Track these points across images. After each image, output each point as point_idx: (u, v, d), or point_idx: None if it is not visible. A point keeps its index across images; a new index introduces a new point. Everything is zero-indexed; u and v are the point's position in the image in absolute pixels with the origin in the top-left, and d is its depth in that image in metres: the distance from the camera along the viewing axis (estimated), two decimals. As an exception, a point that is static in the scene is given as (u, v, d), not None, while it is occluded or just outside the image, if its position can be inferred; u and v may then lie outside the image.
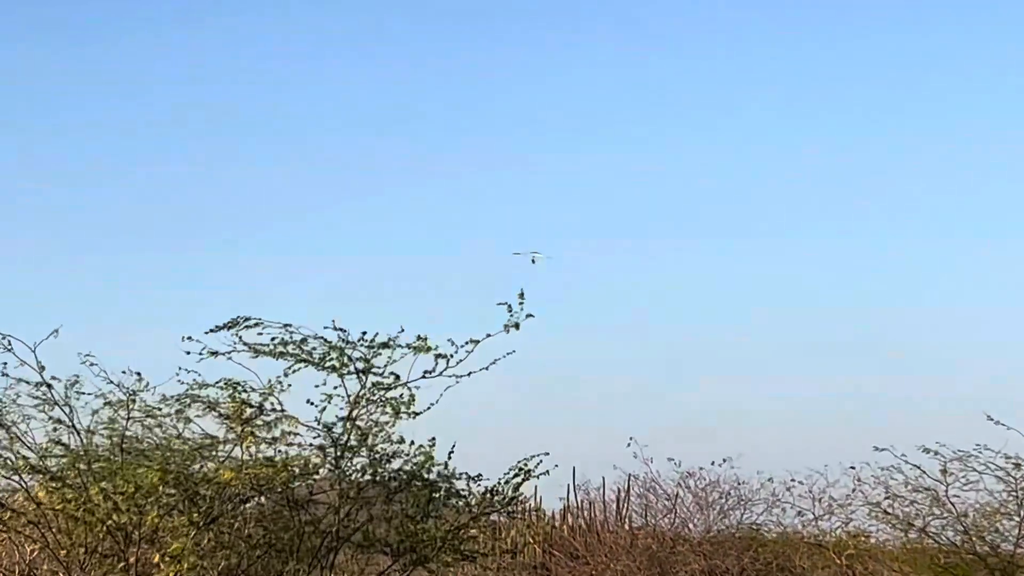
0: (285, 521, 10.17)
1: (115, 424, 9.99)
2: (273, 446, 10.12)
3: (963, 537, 13.09)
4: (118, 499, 9.45)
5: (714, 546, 16.46)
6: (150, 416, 10.08)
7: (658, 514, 17.83)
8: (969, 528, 13.04)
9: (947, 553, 13.18)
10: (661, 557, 16.67)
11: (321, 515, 10.25)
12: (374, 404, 10.20)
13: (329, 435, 10.15)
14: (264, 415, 10.06)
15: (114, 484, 9.55)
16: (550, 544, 18.85)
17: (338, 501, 10.21)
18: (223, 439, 10.14)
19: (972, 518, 13.04)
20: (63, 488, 9.72)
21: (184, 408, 10.10)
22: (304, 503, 10.21)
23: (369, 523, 10.36)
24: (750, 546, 16.62)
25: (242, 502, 10.11)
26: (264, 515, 10.29)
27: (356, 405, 10.15)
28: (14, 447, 9.81)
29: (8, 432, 9.79)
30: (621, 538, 18.03)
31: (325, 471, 10.20)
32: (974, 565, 12.97)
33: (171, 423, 10.19)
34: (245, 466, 9.77)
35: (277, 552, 10.06)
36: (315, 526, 10.15)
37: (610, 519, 19.21)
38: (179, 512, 9.56)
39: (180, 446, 10.09)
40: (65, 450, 9.85)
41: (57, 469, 9.82)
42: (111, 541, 9.77)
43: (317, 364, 10.07)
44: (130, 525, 9.64)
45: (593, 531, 19.00)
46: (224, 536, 9.98)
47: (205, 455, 10.07)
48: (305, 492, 10.24)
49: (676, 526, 17.37)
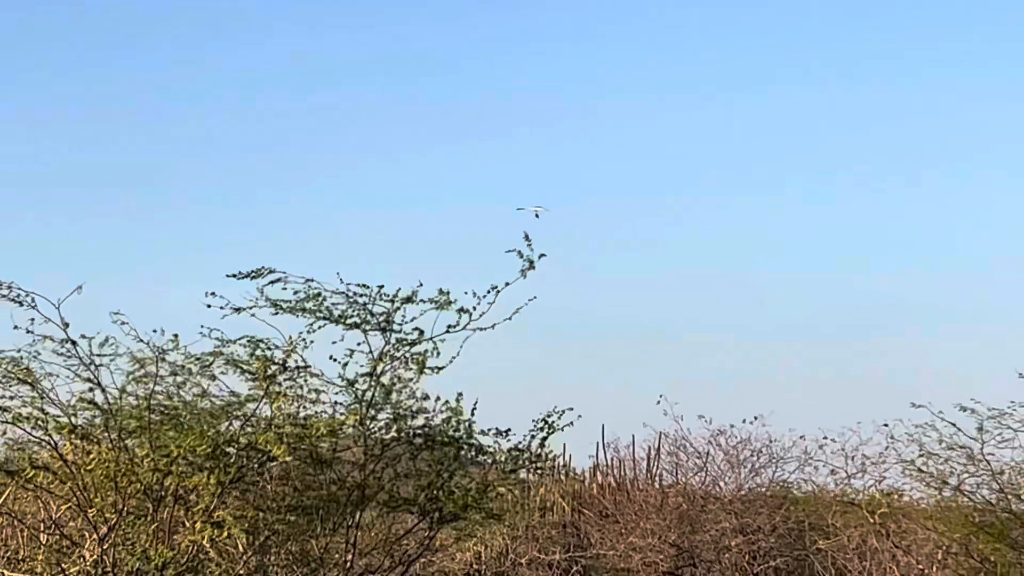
0: (310, 480, 10.20)
1: (145, 383, 9.92)
2: (299, 403, 10.09)
3: (998, 495, 13.06)
4: (155, 460, 9.45)
5: (745, 504, 16.56)
6: (176, 374, 10.01)
7: (688, 472, 17.92)
8: (1004, 486, 13.01)
9: (982, 511, 13.17)
10: (692, 515, 16.77)
11: (346, 473, 10.25)
12: (398, 360, 10.13)
13: (353, 391, 10.09)
14: (288, 372, 9.98)
15: (147, 443, 9.56)
16: (579, 502, 18.87)
17: (363, 459, 10.22)
18: (248, 397, 10.09)
19: (1008, 476, 13.03)
20: (93, 446, 9.68)
21: (208, 365, 10.03)
22: (329, 461, 10.18)
23: (395, 480, 10.37)
24: (781, 504, 16.64)
25: (269, 460, 9.95)
26: (289, 474, 10.29)
27: (379, 361, 10.08)
28: (40, 404, 9.70)
29: (34, 389, 9.67)
30: (651, 496, 18.06)
31: (349, 428, 10.11)
32: (1009, 523, 12.93)
33: (196, 381, 10.13)
34: (275, 426, 9.75)
35: (303, 510, 10.08)
36: (340, 484, 10.16)
37: (640, 477, 19.28)
38: (208, 471, 9.48)
39: (207, 405, 10.08)
40: (94, 408, 9.76)
41: (86, 427, 9.74)
42: (140, 501, 9.71)
43: (339, 320, 10.02)
44: (160, 486, 9.62)
45: (623, 489, 19.10)
46: (249, 495, 10.05)
47: (232, 413, 10.05)
48: (329, 450, 10.21)
49: (707, 484, 17.47)
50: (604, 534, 17.53)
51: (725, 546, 16.31)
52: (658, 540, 16.69)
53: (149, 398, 9.90)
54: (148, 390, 9.94)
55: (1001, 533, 12.98)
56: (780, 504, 16.82)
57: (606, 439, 20.04)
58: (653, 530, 16.82)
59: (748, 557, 16.22)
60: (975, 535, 13.18)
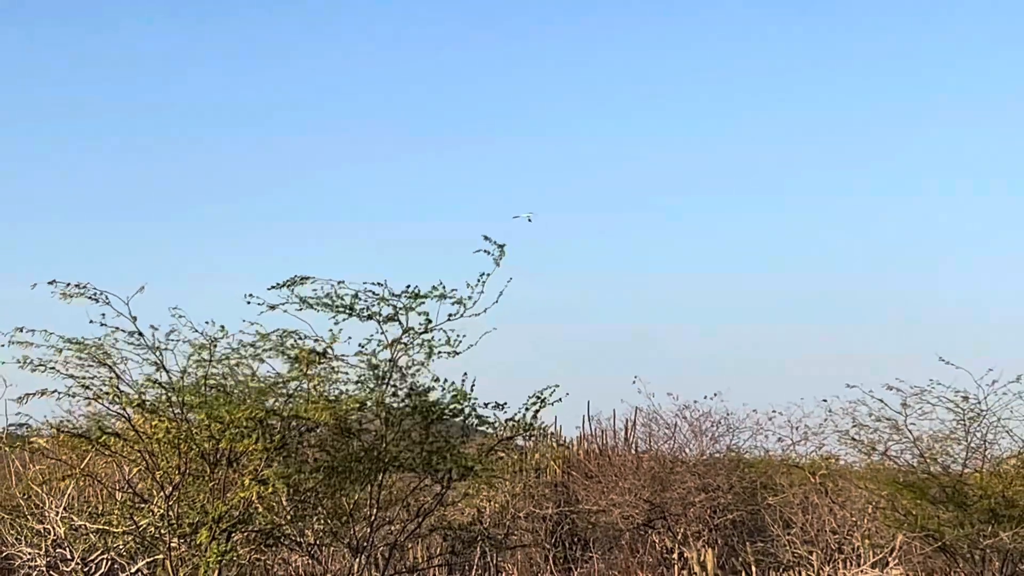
0: (340, 446, 10.13)
1: (201, 365, 9.93)
2: (331, 384, 10.08)
3: (918, 459, 13.00)
4: (211, 430, 9.46)
5: (707, 467, 16.35)
6: (228, 358, 10.00)
7: (659, 440, 17.67)
8: (924, 451, 12.94)
9: (905, 473, 13.12)
10: (662, 476, 16.56)
11: (370, 442, 10.22)
12: (410, 346, 10.10)
13: (374, 373, 10.09)
14: (324, 359, 9.99)
15: (204, 415, 9.52)
16: (568, 465, 18.74)
17: (384, 429, 10.16)
18: (289, 377, 10.06)
19: (926, 443, 12.95)
20: (158, 418, 9.72)
21: (258, 351, 10.03)
22: (355, 431, 10.17)
23: (410, 447, 10.29)
24: (737, 467, 16.46)
25: (308, 431, 10.09)
26: (323, 442, 10.25)
27: (394, 347, 10.06)
28: (115, 383, 9.74)
29: (111, 371, 9.71)
30: (628, 460, 17.88)
31: (371, 403, 10.11)
32: (927, 483, 12.85)
33: (246, 363, 10.10)
34: (312, 402, 9.72)
35: (335, 472, 10.04)
36: (365, 450, 10.12)
37: (619, 445, 19.12)
38: (255, 438, 9.52)
39: (255, 384, 10.03)
40: (159, 387, 9.79)
41: (153, 402, 9.79)
42: (198, 464, 9.77)
43: (358, 315, 10.00)
44: (215, 451, 9.68)
45: (604, 455, 18.95)
46: (290, 459, 9.97)
47: (276, 391, 10.02)
48: (355, 422, 10.20)
49: (675, 450, 17.23)
50: (589, 492, 17.39)
51: (690, 502, 16.18)
52: (634, 497, 16.56)
53: (205, 377, 9.90)
54: (204, 371, 9.93)
55: (921, 491, 12.90)
56: (736, 467, 16.69)
57: (591, 413, 19.98)
58: (630, 488, 16.68)
59: (709, 511, 16.10)
60: (899, 492, 13.12)
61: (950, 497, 12.71)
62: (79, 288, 9.46)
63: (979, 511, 12.58)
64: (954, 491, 12.73)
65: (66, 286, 9.43)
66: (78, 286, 9.46)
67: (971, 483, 12.87)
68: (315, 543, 10.75)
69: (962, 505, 12.62)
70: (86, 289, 9.48)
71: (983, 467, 13.09)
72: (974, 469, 13.09)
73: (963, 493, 12.72)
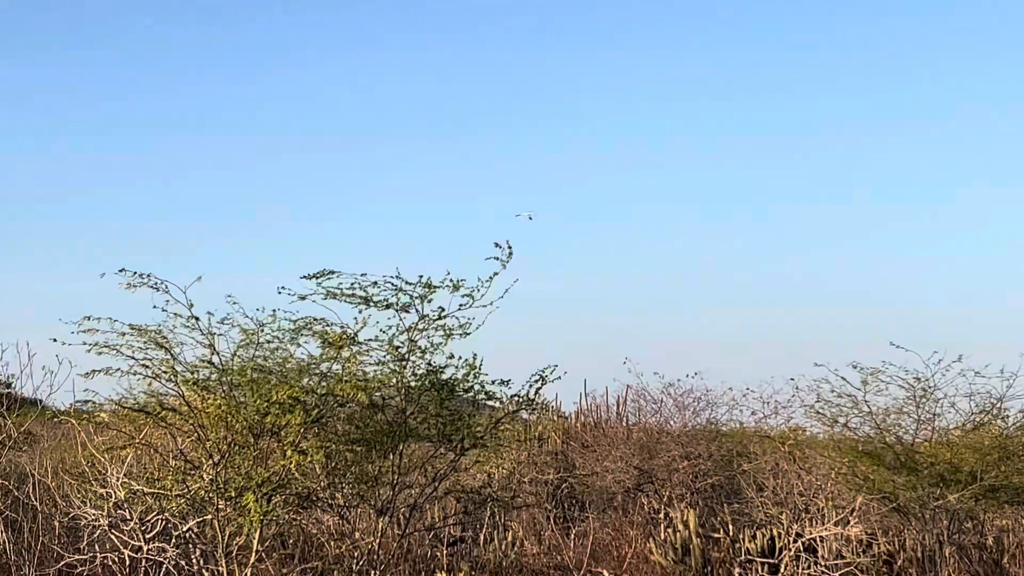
0: (367, 420, 10.20)
1: (248, 348, 9.97)
2: (359, 365, 10.09)
3: (875, 431, 13.17)
4: (256, 405, 9.46)
5: (689, 437, 16.63)
6: (271, 342, 10.06)
7: (647, 414, 17.97)
8: (880, 424, 13.12)
9: (863, 442, 13.28)
10: (649, 446, 16.77)
11: (392, 415, 10.26)
12: (426, 331, 10.07)
13: (395, 355, 10.09)
14: (354, 344, 9.97)
15: (250, 393, 9.55)
16: (567, 436, 19.02)
17: (404, 404, 10.23)
18: (322, 359, 10.08)
19: (881, 417, 13.13)
20: (209, 395, 9.73)
21: (297, 336, 10.05)
22: (380, 406, 10.20)
23: (427, 420, 10.34)
24: (715, 437, 16.70)
25: (340, 405, 10.04)
26: (352, 416, 10.28)
27: (409, 332, 10.05)
28: (172, 364, 9.75)
29: (168, 353, 9.72)
30: (619, 432, 18.18)
31: (395, 382, 10.15)
32: (883, 451, 13.03)
33: (284, 347, 10.13)
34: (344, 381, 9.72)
35: (363, 442, 10.13)
36: (388, 423, 10.18)
37: (611, 418, 19.40)
38: (294, 413, 9.42)
39: (292, 365, 10.10)
40: (211, 367, 9.81)
41: (205, 381, 9.80)
42: (244, 435, 9.74)
43: (378, 304, 9.97)
44: (259, 424, 9.67)
45: (599, 427, 19.23)
46: (324, 431, 10.03)
47: (311, 371, 10.09)
48: (380, 398, 10.21)
49: (661, 423, 17.45)
50: (585, 460, 17.63)
51: (674, 468, 16.34)
52: (625, 464, 16.77)
53: (252, 359, 9.96)
54: (251, 354, 9.99)
55: (877, 458, 13.06)
56: (714, 437, 16.86)
57: (587, 390, 20.31)
58: (622, 456, 16.89)
59: (691, 476, 16.25)
60: (858, 460, 13.25)
61: (903, 464, 12.86)
62: (142, 278, 9.42)
63: (928, 476, 12.73)
64: (906, 459, 12.90)
65: (132, 275, 9.39)
66: (141, 276, 9.43)
67: (921, 451, 13.02)
68: (344, 505, 10.73)
69: (913, 471, 12.77)
70: (148, 279, 9.45)
71: (932, 437, 13.24)
72: (924, 439, 13.25)
73: (914, 460, 12.88)
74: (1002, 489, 12.92)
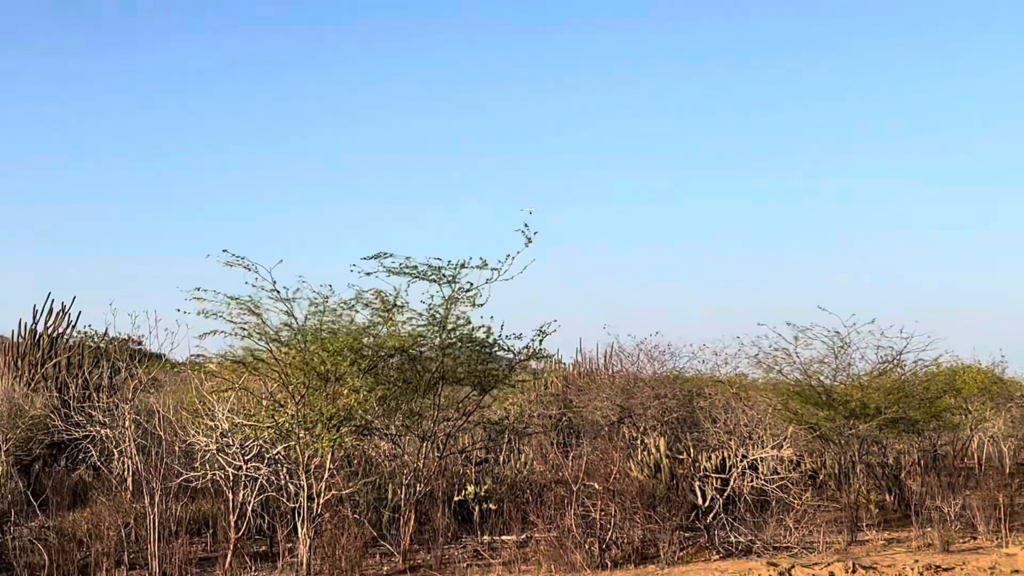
0: (411, 367, 10.29)
1: (316, 315, 9.98)
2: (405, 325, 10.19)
3: (803, 376, 13.37)
4: (325, 357, 9.55)
5: (658, 382, 16.95)
6: (336, 310, 10.08)
7: (626, 364, 18.37)
8: (807, 371, 13.33)
9: (793, 386, 13.50)
10: (628, 389, 17.13)
11: (431, 364, 10.34)
12: (459, 301, 10.09)
13: (433, 317, 10.15)
14: (400, 308, 10.09)
15: (320, 348, 9.61)
16: (566, 382, 19.40)
17: (440, 355, 10.31)
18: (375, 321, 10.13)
19: (808, 365, 13.32)
20: (290, 349, 9.83)
21: (355, 304, 10.11)
22: (421, 358, 10.30)
23: (457, 367, 10.44)
24: (679, 381, 17.06)
25: (389, 357, 10.10)
26: (399, 365, 10.35)
27: (447, 301, 10.08)
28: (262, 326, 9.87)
29: (259, 318, 9.82)
30: (606, 378, 18.59)
31: (434, 339, 10.21)
32: (810, 392, 13.25)
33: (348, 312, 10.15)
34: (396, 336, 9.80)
35: (408, 385, 10.24)
36: (429, 372, 10.30)
37: (599, 367, 19.93)
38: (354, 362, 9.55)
39: (353, 326, 10.14)
40: (290, 329, 9.91)
41: (286, 339, 9.90)
42: (316, 380, 9.81)
43: (424, 278, 9.99)
44: (328, 371, 9.72)
45: (590, 374, 19.68)
46: (378, 377, 10.14)
47: (368, 332, 10.13)
48: (419, 350, 10.26)
49: (636, 371, 17.89)
50: (580, 399, 17.86)
51: (648, 406, 16.57)
52: (610, 403, 17.02)
53: (321, 323, 10.03)
54: (319, 320, 10.05)
55: (805, 398, 13.27)
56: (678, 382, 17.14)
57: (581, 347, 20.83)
58: (608, 397, 17.16)
59: (661, 412, 16.48)
60: (790, 399, 13.46)
61: (824, 402, 13.07)
62: (238, 259, 9.54)
63: (844, 411, 12.97)
64: (827, 398, 13.12)
65: (232, 256, 9.49)
66: (237, 257, 9.55)
67: (838, 392, 13.24)
68: (396, 433, 10.82)
69: (832, 407, 12.99)
70: (243, 260, 9.59)
71: (847, 381, 13.41)
72: (841, 383, 13.43)
73: (833, 399, 13.10)
74: (900, 421, 13.23)
